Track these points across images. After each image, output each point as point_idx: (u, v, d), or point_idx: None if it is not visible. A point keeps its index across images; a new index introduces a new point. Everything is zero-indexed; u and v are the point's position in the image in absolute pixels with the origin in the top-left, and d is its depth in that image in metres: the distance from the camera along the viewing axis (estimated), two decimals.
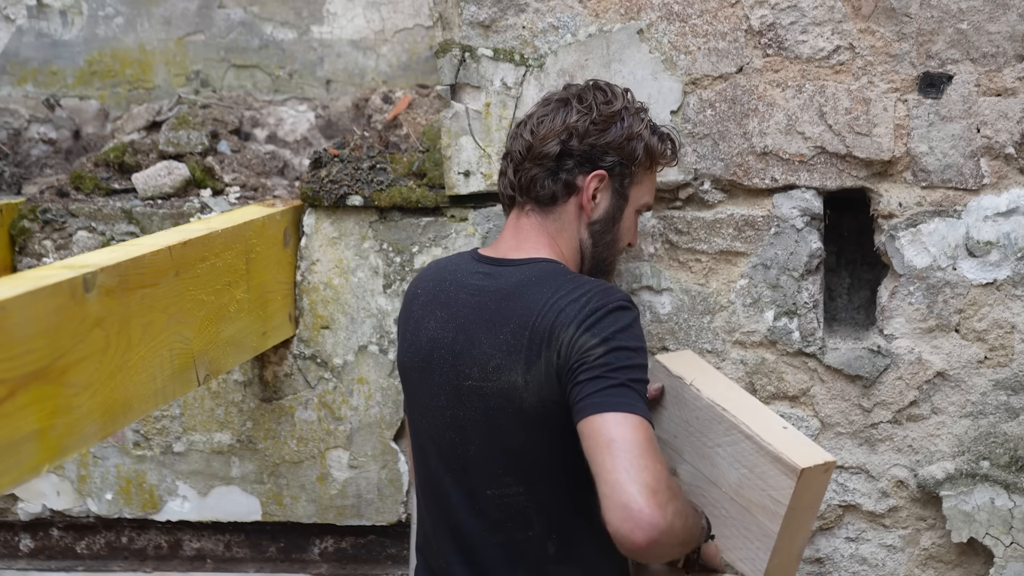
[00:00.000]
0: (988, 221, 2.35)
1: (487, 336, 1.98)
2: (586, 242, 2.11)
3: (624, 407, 1.84)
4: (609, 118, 2.09)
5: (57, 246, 2.64)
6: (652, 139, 2.13)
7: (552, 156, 2.07)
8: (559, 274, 2.01)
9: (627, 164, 2.10)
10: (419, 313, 2.10)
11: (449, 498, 2.04)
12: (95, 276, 1.74)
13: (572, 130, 2.07)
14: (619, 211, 2.12)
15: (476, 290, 2.04)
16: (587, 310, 1.92)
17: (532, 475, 1.98)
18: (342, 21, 3.00)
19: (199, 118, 2.84)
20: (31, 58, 3.08)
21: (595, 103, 2.10)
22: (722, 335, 2.44)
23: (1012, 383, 2.38)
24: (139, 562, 2.77)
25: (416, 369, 2.08)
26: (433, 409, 2.05)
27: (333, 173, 2.55)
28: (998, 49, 2.31)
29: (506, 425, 1.97)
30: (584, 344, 1.89)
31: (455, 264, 2.14)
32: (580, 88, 2.14)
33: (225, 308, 2.20)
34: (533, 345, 1.93)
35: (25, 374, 1.56)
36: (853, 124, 2.35)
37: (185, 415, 2.65)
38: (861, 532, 2.48)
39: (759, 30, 2.36)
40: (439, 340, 2.04)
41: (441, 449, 2.04)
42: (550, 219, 2.09)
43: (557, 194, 2.08)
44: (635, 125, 2.11)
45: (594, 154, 2.08)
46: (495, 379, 1.96)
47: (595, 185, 2.08)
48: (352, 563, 2.73)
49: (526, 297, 1.97)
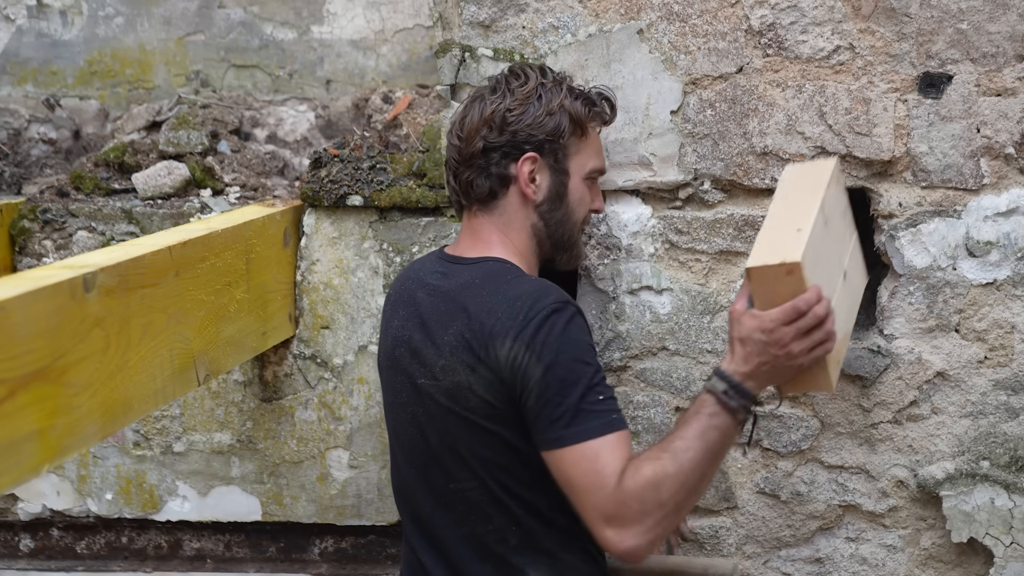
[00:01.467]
0: (988, 221, 2.35)
1: (437, 336, 2.01)
2: (538, 225, 2.12)
3: (573, 438, 1.87)
4: (524, 100, 2.08)
5: (57, 246, 2.64)
6: (575, 105, 2.10)
7: (477, 154, 2.08)
8: (499, 275, 2.03)
9: (554, 139, 2.08)
10: (389, 312, 2.16)
11: (416, 492, 2.08)
12: (95, 276, 1.74)
13: (490, 123, 2.07)
14: (562, 187, 2.12)
15: (432, 290, 2.07)
16: (520, 318, 1.92)
17: (484, 471, 2.00)
18: (342, 21, 3.00)
19: (199, 118, 2.84)
20: (31, 58, 3.07)
21: (507, 89, 2.09)
22: (722, 335, 2.44)
23: (1012, 383, 2.38)
24: (139, 562, 2.77)
25: (385, 368, 2.14)
26: (397, 406, 2.10)
27: (333, 173, 2.55)
28: (998, 49, 2.31)
29: (455, 423, 1.99)
30: (522, 363, 1.91)
31: (421, 263, 2.18)
32: (496, 78, 2.15)
33: (225, 308, 2.20)
34: (473, 349, 1.95)
35: (25, 374, 1.56)
36: (853, 124, 2.35)
37: (185, 415, 2.65)
38: (861, 532, 2.48)
39: (759, 30, 2.36)
40: (400, 338, 2.09)
41: (405, 445, 2.09)
42: (496, 214, 2.11)
43: (495, 189, 2.09)
44: (553, 98, 2.09)
45: (518, 139, 2.07)
46: (443, 379, 1.99)
47: (527, 168, 2.08)
48: (352, 563, 2.73)
49: (467, 299, 2.00)
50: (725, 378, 1.93)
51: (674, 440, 1.90)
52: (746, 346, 1.93)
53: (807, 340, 1.91)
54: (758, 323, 1.92)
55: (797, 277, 1.90)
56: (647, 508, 1.84)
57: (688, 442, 1.89)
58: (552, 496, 1.99)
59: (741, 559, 2.51)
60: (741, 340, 1.94)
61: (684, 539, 2.51)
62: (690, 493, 1.89)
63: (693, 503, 1.93)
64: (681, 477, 1.86)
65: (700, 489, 1.91)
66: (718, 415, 1.91)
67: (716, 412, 1.91)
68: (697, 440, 1.89)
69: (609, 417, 1.89)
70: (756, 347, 1.92)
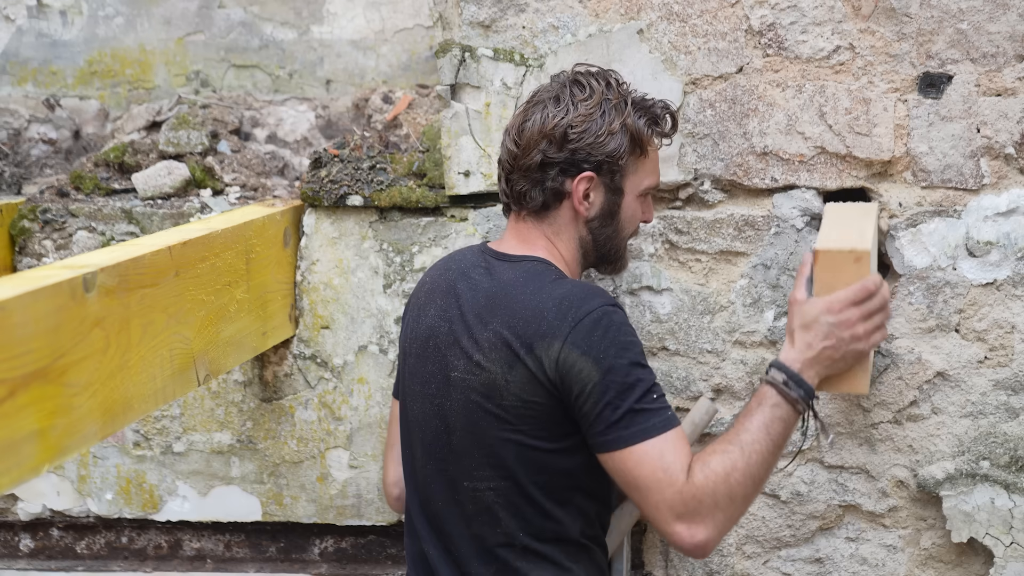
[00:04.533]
0: (988, 221, 2.35)
1: (476, 330, 2.01)
2: (586, 239, 2.11)
3: (636, 438, 1.89)
4: (587, 116, 2.04)
5: (57, 246, 2.64)
6: (637, 124, 2.06)
7: (535, 167, 2.05)
8: (543, 275, 2.02)
9: (613, 160, 2.05)
10: (423, 300, 2.14)
11: (430, 485, 2.08)
12: (95, 276, 1.74)
13: (550, 137, 2.03)
14: (615, 205, 2.10)
15: (474, 283, 2.06)
16: (569, 320, 1.93)
17: (505, 472, 2.00)
18: (342, 21, 3.00)
19: (199, 118, 2.84)
20: (31, 58, 3.07)
21: (571, 102, 2.05)
22: (722, 335, 2.44)
23: (1012, 383, 2.38)
24: (139, 562, 2.77)
25: (413, 355, 2.12)
26: (424, 396, 2.08)
27: (333, 173, 2.55)
28: (998, 49, 2.31)
29: (484, 420, 1.99)
30: (576, 367, 1.91)
31: (463, 255, 2.17)
32: (559, 85, 2.09)
33: (225, 308, 2.20)
34: (512, 347, 1.96)
35: (25, 374, 1.56)
36: (853, 124, 2.35)
37: (185, 415, 2.65)
38: (861, 532, 2.48)
39: (759, 30, 2.36)
40: (436, 329, 2.07)
41: (426, 436, 2.08)
42: (546, 223, 2.10)
43: (548, 202, 2.07)
44: (615, 117, 2.04)
45: (576, 157, 2.04)
46: (477, 373, 1.99)
47: (583, 188, 2.06)
48: (352, 563, 2.73)
49: (510, 297, 2.00)
50: (783, 368, 1.98)
51: (740, 433, 1.93)
52: (811, 331, 1.98)
53: (870, 323, 1.99)
54: (825, 304, 1.98)
55: (864, 265, 1.99)
56: (719, 502, 1.88)
57: (754, 434, 1.93)
58: (567, 504, 2.00)
59: (741, 559, 2.51)
60: (805, 326, 1.99)
61: None
62: (757, 485, 1.93)
63: (757, 495, 1.97)
64: (750, 470, 1.90)
65: (764, 481, 1.95)
66: (780, 406, 1.96)
67: (778, 403, 1.96)
68: (762, 432, 1.93)
69: (666, 414, 1.92)
70: (823, 329, 1.97)
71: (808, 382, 1.98)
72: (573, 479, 2.01)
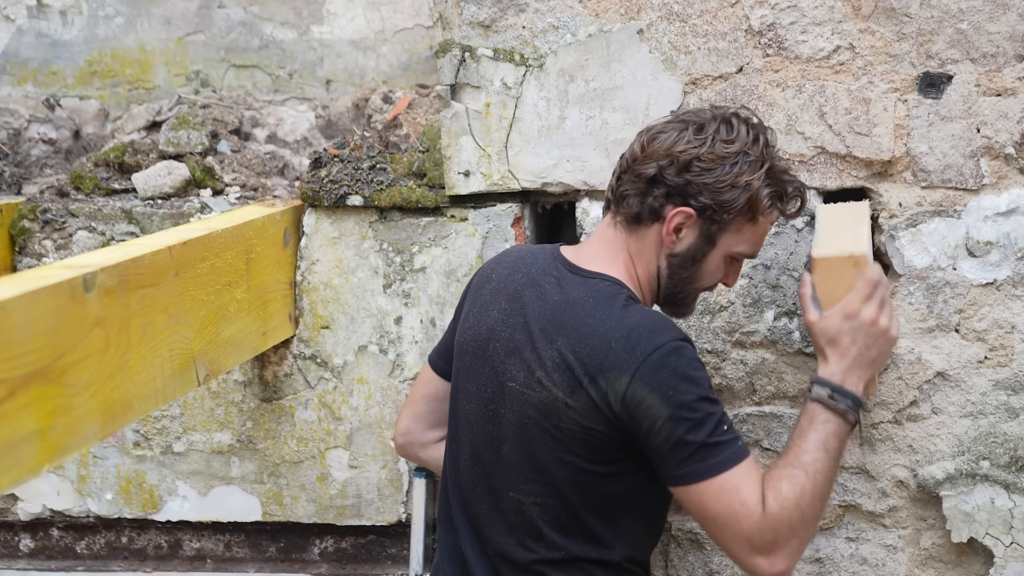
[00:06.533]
0: (988, 221, 2.35)
1: (540, 346, 1.97)
2: (663, 271, 2.06)
3: (711, 471, 1.89)
4: (719, 159, 1.97)
5: (57, 246, 2.64)
6: (762, 192, 2.00)
7: (646, 178, 2.00)
8: (613, 299, 1.97)
9: (721, 210, 1.99)
10: (487, 298, 2.09)
11: (475, 488, 2.06)
12: (95, 276, 1.74)
13: (674, 158, 1.98)
14: (701, 253, 2.04)
15: (543, 293, 2.02)
16: (638, 354, 1.89)
17: (554, 490, 1.98)
18: (342, 21, 3.00)
19: (199, 118, 2.84)
20: (31, 58, 3.08)
21: (712, 138, 1.99)
22: (722, 335, 2.44)
23: (1012, 383, 2.38)
24: (139, 562, 2.77)
25: (471, 353, 2.08)
26: (479, 398, 2.06)
27: (333, 173, 2.55)
28: (998, 49, 2.31)
29: (538, 437, 1.97)
30: (644, 403, 1.89)
31: (534, 257, 2.11)
32: (711, 115, 2.03)
33: (225, 308, 2.20)
34: (575, 372, 1.93)
35: (25, 374, 1.56)
36: (853, 124, 2.35)
37: (185, 415, 2.65)
38: (861, 532, 2.48)
39: (759, 30, 2.36)
40: (498, 332, 2.04)
41: (476, 438, 2.06)
42: (633, 238, 2.05)
43: (642, 216, 2.02)
44: (746, 173, 1.98)
45: (688, 190, 1.98)
46: (537, 391, 1.96)
47: (678, 221, 2.00)
48: (352, 563, 2.73)
49: (577, 318, 1.96)
50: (824, 383, 1.99)
51: (800, 455, 1.94)
52: (839, 342, 2.00)
53: (888, 310, 2.01)
54: (842, 313, 2.00)
55: (862, 268, 2.01)
56: (794, 528, 1.89)
57: (814, 454, 1.93)
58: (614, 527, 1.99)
59: None
60: (831, 341, 2.01)
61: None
62: (824, 503, 1.94)
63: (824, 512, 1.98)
64: (818, 490, 1.91)
65: (829, 497, 1.96)
66: (831, 421, 1.97)
67: (828, 419, 1.97)
68: (821, 451, 1.94)
69: (736, 445, 1.91)
70: (848, 336, 1.99)
71: (851, 390, 1.98)
72: (622, 503, 2.00)
